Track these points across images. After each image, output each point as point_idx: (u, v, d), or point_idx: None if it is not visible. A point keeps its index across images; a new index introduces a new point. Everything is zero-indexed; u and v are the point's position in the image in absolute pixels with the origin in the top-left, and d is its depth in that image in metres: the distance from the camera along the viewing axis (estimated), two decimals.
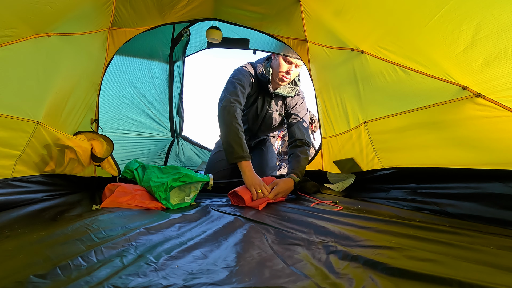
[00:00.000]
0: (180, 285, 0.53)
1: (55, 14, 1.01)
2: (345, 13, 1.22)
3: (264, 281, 0.55)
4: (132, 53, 2.24)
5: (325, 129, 1.79)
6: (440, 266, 0.57)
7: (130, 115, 2.33)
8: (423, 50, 0.96)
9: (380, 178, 1.35)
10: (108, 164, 1.48)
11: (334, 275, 0.56)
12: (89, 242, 0.74)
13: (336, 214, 1.05)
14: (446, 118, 0.98)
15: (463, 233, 0.77)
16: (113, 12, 1.42)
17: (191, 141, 2.90)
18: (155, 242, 0.76)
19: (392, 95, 1.19)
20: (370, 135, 1.38)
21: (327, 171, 1.81)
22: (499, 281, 0.49)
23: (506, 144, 0.85)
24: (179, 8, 1.60)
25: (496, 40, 0.73)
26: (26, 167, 1.09)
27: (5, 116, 0.94)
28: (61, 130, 1.23)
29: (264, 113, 1.90)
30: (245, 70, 1.77)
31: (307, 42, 1.69)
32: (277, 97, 1.88)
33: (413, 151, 1.18)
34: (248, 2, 1.61)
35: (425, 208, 1.03)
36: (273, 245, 0.75)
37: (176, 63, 2.64)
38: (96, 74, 1.51)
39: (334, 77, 1.58)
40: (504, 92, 0.80)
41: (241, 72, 1.74)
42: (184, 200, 1.32)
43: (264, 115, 1.91)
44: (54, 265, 0.58)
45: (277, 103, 1.89)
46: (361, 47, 1.23)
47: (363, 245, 0.71)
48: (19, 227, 0.86)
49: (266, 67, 1.77)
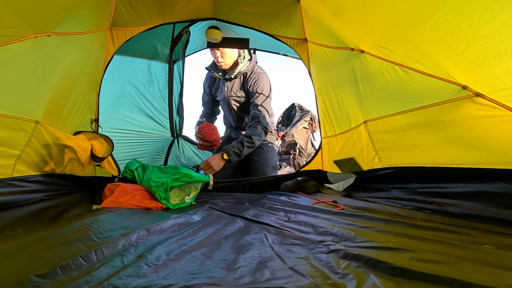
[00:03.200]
0: (180, 285, 0.53)
1: (55, 14, 1.01)
2: (345, 12, 1.22)
3: (264, 281, 0.55)
4: (132, 53, 2.23)
5: (325, 129, 1.79)
6: (441, 266, 0.57)
7: (130, 115, 2.32)
8: (423, 49, 0.96)
9: (380, 177, 1.35)
10: (108, 164, 1.47)
11: (335, 275, 0.56)
12: (89, 242, 0.74)
13: (337, 213, 1.05)
14: (446, 117, 0.98)
15: (464, 233, 0.77)
16: (112, 11, 1.41)
17: (191, 141, 2.89)
18: (155, 242, 0.76)
19: (392, 95, 1.19)
20: (370, 135, 1.38)
21: (327, 170, 1.81)
22: (501, 281, 0.49)
23: (506, 144, 0.85)
24: (179, 7, 1.59)
25: (496, 39, 0.73)
26: (26, 166, 1.09)
27: (5, 115, 0.94)
28: (61, 130, 1.23)
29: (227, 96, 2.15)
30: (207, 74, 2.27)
31: (307, 41, 1.69)
32: (230, 80, 2.09)
33: (413, 150, 1.18)
34: (248, 2, 1.61)
35: (426, 207, 1.03)
36: (274, 245, 0.75)
37: (176, 63, 2.63)
38: (95, 74, 1.50)
39: (334, 76, 1.58)
40: (504, 92, 0.80)
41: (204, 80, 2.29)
42: (184, 200, 1.32)
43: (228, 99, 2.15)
44: (54, 265, 0.58)
45: (233, 85, 2.10)
46: (361, 46, 1.23)
47: (364, 245, 0.71)
48: (19, 227, 0.86)
49: (211, 62, 2.15)
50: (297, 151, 2.70)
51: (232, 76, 2.02)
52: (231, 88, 2.10)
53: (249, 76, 2.04)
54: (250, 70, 2.05)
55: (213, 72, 2.11)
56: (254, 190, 1.70)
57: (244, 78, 2.06)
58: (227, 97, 2.13)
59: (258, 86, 2.01)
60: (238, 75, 2.03)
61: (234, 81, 2.08)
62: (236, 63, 2.04)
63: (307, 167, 1.88)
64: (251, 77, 2.03)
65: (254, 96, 2.00)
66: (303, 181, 1.62)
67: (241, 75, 2.05)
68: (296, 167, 2.58)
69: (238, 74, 2.02)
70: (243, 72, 2.03)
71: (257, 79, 2.02)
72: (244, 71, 2.03)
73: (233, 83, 2.09)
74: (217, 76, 2.11)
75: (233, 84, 2.09)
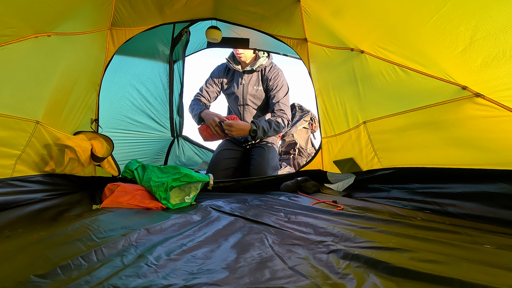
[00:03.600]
0: (181, 285, 0.53)
1: (55, 14, 1.01)
2: (345, 13, 1.22)
3: (265, 281, 0.55)
4: (132, 53, 2.23)
5: (325, 129, 1.79)
6: (441, 266, 0.57)
7: (130, 115, 2.32)
8: (423, 50, 0.96)
9: (380, 178, 1.35)
10: (108, 164, 1.47)
11: (335, 275, 0.56)
12: (89, 242, 0.74)
13: (337, 214, 1.05)
14: (446, 118, 0.98)
15: (464, 233, 0.77)
16: (112, 11, 1.41)
17: (191, 141, 2.90)
18: (155, 242, 0.76)
19: (391, 95, 1.19)
20: (369, 135, 1.38)
21: (327, 171, 1.81)
22: (501, 281, 0.49)
23: (506, 144, 0.85)
24: (178, 7, 1.59)
25: (494, 41, 0.73)
26: (26, 166, 1.09)
27: (5, 115, 0.94)
28: (61, 130, 1.23)
29: (243, 89, 2.14)
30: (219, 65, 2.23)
31: (307, 41, 1.69)
32: (250, 73, 2.10)
33: (413, 151, 1.18)
34: (248, 2, 1.61)
35: (426, 207, 1.03)
36: (274, 246, 0.75)
37: (176, 62, 2.63)
38: (96, 74, 1.50)
39: (334, 77, 1.58)
40: (504, 92, 0.80)
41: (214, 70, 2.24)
42: (184, 200, 1.32)
43: (243, 92, 2.15)
44: (54, 265, 0.58)
45: (251, 78, 2.11)
46: (360, 47, 1.23)
47: (364, 246, 0.71)
48: (19, 227, 0.86)
49: (230, 54, 2.17)
50: (297, 151, 2.70)
51: (254, 68, 2.05)
52: (248, 82, 2.11)
53: (269, 70, 2.08)
54: (269, 65, 2.10)
55: (232, 63, 2.10)
56: (254, 190, 1.70)
57: (263, 72, 2.09)
58: (243, 90, 2.12)
59: (279, 81, 2.06)
60: (259, 69, 2.07)
61: (253, 74, 2.10)
62: (257, 56, 2.09)
63: (307, 167, 1.88)
64: (271, 71, 2.08)
65: (275, 89, 2.04)
66: (303, 181, 1.62)
67: (261, 69, 2.08)
68: (296, 167, 2.57)
69: (259, 67, 2.05)
70: (264, 66, 2.07)
71: (277, 74, 2.07)
72: (265, 65, 2.07)
73: (252, 76, 2.10)
74: (235, 68, 2.09)
75: (251, 77, 2.10)
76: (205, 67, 2.30)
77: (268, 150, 2.06)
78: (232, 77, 2.17)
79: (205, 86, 2.19)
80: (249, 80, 2.10)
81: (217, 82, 2.19)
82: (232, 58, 2.13)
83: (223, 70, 2.19)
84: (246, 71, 2.08)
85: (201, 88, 2.20)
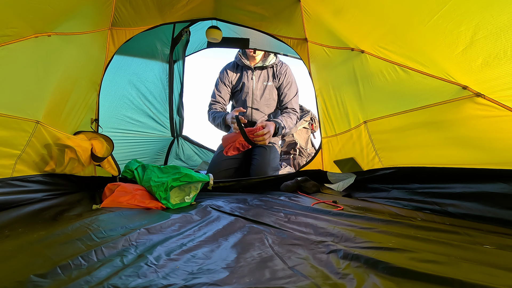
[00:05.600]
0: (180, 285, 0.53)
1: (55, 14, 1.01)
2: (345, 12, 1.22)
3: (265, 281, 0.55)
4: (132, 53, 2.23)
5: (325, 129, 1.79)
6: (441, 266, 0.57)
7: (130, 115, 2.33)
8: (423, 49, 0.96)
9: (380, 177, 1.35)
10: (108, 163, 1.47)
11: (335, 276, 0.56)
12: (89, 241, 0.74)
13: (337, 214, 1.05)
14: (447, 117, 0.98)
15: (464, 233, 0.77)
16: (113, 11, 1.41)
17: (191, 141, 2.90)
18: (155, 242, 0.76)
19: (392, 95, 1.18)
20: (370, 135, 1.38)
21: (327, 170, 1.81)
22: (501, 281, 0.49)
23: (507, 144, 0.85)
24: (179, 7, 1.59)
25: (495, 40, 0.73)
26: (26, 166, 1.09)
27: (5, 115, 0.94)
28: (61, 130, 1.23)
29: (253, 85, 2.17)
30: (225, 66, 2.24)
31: (307, 41, 1.69)
32: (261, 69, 2.15)
33: (413, 150, 1.18)
34: (248, 2, 1.60)
35: (426, 207, 1.03)
36: (274, 246, 0.75)
37: (176, 62, 2.63)
38: (96, 74, 1.50)
39: (334, 76, 1.58)
40: (505, 92, 0.80)
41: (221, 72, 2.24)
42: (184, 200, 1.32)
43: (253, 88, 2.17)
44: (54, 265, 0.58)
45: (261, 74, 2.15)
46: (361, 46, 1.23)
47: (364, 246, 0.71)
48: (19, 227, 0.86)
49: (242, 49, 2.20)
50: (297, 151, 2.69)
51: (266, 63, 2.10)
52: (258, 77, 2.14)
53: (280, 67, 2.15)
54: (279, 63, 2.17)
55: (244, 59, 2.13)
56: (254, 190, 1.70)
57: (274, 69, 2.15)
58: (253, 86, 2.14)
59: (290, 79, 2.14)
60: (270, 65, 2.12)
61: (263, 71, 2.14)
62: (266, 54, 2.15)
63: (307, 167, 1.87)
64: (282, 67, 2.15)
65: (287, 87, 2.12)
66: (303, 181, 1.62)
67: (272, 66, 2.14)
68: (296, 167, 2.57)
69: (269, 64, 2.10)
70: (274, 63, 2.13)
71: (287, 71, 2.15)
72: (275, 62, 2.14)
73: (262, 73, 2.15)
74: (246, 63, 2.13)
75: (260, 73, 2.14)
76: (205, 67, 2.30)
77: (269, 150, 2.06)
78: (241, 73, 2.20)
79: (217, 91, 2.20)
80: (259, 76, 2.15)
81: (227, 83, 2.20)
82: (244, 53, 2.16)
83: (232, 67, 2.20)
84: (257, 67, 2.12)
85: (213, 95, 2.21)
